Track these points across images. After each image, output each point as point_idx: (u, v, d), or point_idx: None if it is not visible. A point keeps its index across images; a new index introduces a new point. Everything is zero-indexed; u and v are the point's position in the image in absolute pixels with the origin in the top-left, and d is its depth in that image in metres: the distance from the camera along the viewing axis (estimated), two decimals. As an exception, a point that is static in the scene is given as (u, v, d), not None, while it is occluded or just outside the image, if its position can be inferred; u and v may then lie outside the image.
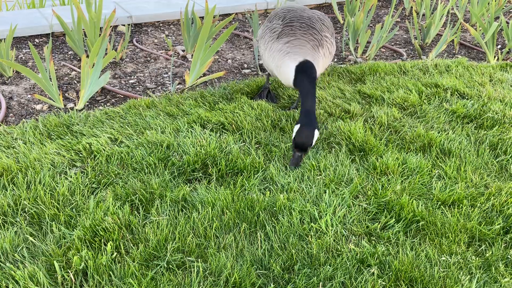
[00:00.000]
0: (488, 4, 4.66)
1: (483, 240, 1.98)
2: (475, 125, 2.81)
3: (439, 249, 1.90)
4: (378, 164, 2.35)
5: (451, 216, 2.06)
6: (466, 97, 3.14)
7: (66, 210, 2.01)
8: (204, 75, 3.51)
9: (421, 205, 2.10)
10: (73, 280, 1.69)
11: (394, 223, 2.01)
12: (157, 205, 2.05)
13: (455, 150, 2.51)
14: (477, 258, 1.87)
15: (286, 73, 2.62)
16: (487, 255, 1.89)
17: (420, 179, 2.28)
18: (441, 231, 1.98)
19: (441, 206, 2.13)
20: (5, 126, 2.70)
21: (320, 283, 1.72)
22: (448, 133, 2.69)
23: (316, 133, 2.38)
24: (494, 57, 3.99)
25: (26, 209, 2.01)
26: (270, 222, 1.99)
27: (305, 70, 2.55)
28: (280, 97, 3.14)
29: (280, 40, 2.68)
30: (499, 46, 4.33)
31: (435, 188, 2.23)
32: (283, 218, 2.00)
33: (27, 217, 1.99)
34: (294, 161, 2.36)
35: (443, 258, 1.85)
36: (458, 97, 3.15)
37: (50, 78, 2.92)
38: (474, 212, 2.09)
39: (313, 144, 2.39)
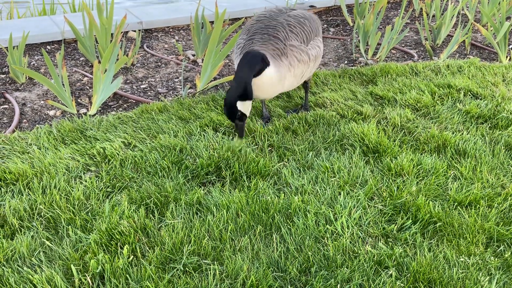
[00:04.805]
0: (499, 4, 4.63)
1: (501, 241, 1.95)
2: (489, 125, 2.79)
3: (457, 250, 1.88)
4: (392, 166, 2.33)
5: (468, 217, 2.04)
6: (480, 98, 3.12)
7: (81, 214, 2.01)
8: (215, 79, 3.52)
9: (438, 206, 2.08)
10: (90, 283, 1.69)
11: (411, 225, 1.99)
12: (172, 208, 2.05)
13: (470, 151, 2.49)
14: (496, 259, 1.85)
15: None
16: (506, 255, 1.87)
17: (436, 180, 2.26)
18: (459, 232, 1.96)
19: (458, 207, 2.11)
20: (19, 132, 2.72)
21: (338, 286, 1.71)
22: (462, 133, 2.67)
23: (242, 104, 2.35)
24: (506, 57, 3.95)
25: (42, 214, 2.02)
26: (285, 224, 1.99)
27: (246, 55, 2.43)
28: (292, 99, 3.13)
29: (240, 55, 2.56)
30: (511, 46, 4.30)
31: (451, 189, 2.21)
32: (298, 220, 1.99)
33: (43, 222, 2.00)
34: (238, 136, 2.46)
35: (462, 259, 1.83)
36: (471, 97, 3.12)
37: (63, 84, 2.94)
38: (492, 212, 2.07)
39: (246, 113, 2.40)
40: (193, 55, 3.95)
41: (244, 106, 2.37)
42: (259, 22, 2.71)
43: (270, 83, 2.52)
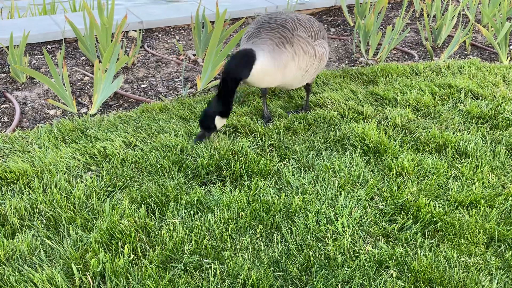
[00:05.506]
0: (500, 4, 4.63)
1: (502, 241, 1.95)
2: (490, 125, 2.79)
3: (458, 250, 1.88)
4: (393, 165, 2.33)
5: (469, 217, 2.04)
6: (480, 98, 3.12)
7: (82, 213, 2.01)
8: (216, 78, 3.51)
9: (439, 206, 2.08)
10: (91, 282, 1.69)
11: (412, 224, 1.99)
12: (173, 207, 2.05)
13: (471, 151, 2.49)
14: (497, 259, 1.85)
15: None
16: (507, 255, 1.87)
17: (437, 180, 2.26)
18: (460, 232, 1.96)
19: (459, 207, 2.11)
20: (19, 131, 2.72)
21: (339, 285, 1.71)
22: (463, 133, 2.67)
23: (219, 119, 2.46)
24: (507, 57, 3.95)
25: (43, 213, 2.02)
26: (286, 224, 1.98)
27: (235, 56, 2.46)
28: (293, 99, 3.13)
29: (248, 42, 2.62)
30: (511, 47, 4.30)
31: (452, 189, 2.21)
32: (299, 219, 1.99)
33: (44, 221, 1.99)
34: (197, 137, 2.53)
35: (462, 259, 1.83)
36: (472, 97, 3.12)
37: (64, 83, 2.94)
38: (492, 212, 2.07)
39: (217, 128, 2.51)
40: (194, 55, 3.95)
41: (220, 122, 2.49)
42: (269, 15, 2.79)
43: (262, 75, 2.50)
